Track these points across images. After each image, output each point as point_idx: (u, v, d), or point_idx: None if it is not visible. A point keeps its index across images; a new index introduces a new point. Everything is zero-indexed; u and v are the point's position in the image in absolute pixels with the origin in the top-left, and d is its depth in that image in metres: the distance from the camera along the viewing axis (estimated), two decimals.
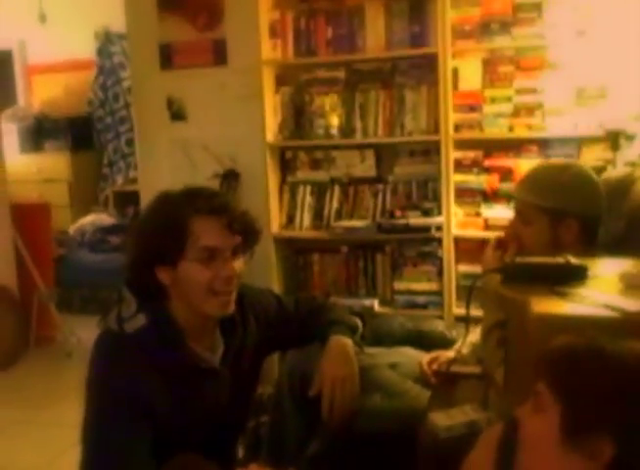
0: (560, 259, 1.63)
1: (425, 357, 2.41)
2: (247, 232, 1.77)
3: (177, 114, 4.04)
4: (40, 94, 6.91)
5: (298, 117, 3.81)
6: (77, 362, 1.65)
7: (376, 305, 3.69)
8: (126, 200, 6.24)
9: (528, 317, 1.47)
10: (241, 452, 2.56)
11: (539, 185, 2.07)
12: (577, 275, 1.60)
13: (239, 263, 1.76)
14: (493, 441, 1.20)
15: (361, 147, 3.78)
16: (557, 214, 2.03)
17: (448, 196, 3.49)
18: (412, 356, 2.50)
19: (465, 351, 2.30)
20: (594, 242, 2.07)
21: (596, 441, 1.06)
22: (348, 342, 1.98)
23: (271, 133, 3.81)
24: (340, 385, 1.86)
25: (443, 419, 1.77)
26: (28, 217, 4.98)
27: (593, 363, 1.11)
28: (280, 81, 3.87)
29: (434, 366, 2.36)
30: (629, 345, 1.14)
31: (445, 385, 2.02)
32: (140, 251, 1.76)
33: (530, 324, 1.46)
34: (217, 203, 1.73)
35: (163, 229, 1.70)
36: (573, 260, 1.62)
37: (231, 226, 1.71)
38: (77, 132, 6.55)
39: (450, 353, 2.33)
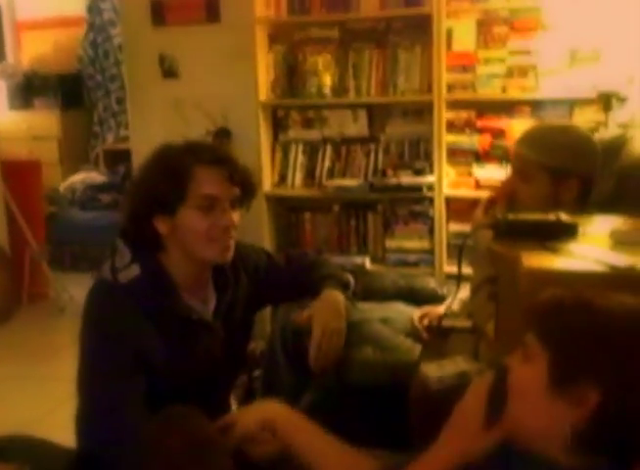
0: (551, 216, 1.66)
1: (416, 313, 2.44)
2: (245, 185, 1.80)
3: (169, 71, 4.01)
4: (29, 51, 6.82)
5: (291, 76, 3.81)
6: (71, 318, 1.67)
7: (367, 263, 3.72)
8: (117, 158, 6.21)
9: (519, 272, 1.50)
10: (234, 407, 2.61)
11: (545, 144, 2.09)
12: (568, 232, 1.63)
13: (236, 215, 1.79)
14: (483, 389, 1.23)
15: (354, 106, 3.78)
16: (560, 174, 2.06)
17: (440, 156, 3.50)
18: (403, 312, 2.54)
19: (456, 306, 2.34)
20: (587, 201, 2.11)
21: (582, 388, 1.10)
22: (340, 296, 2.00)
23: (264, 92, 3.80)
24: (328, 335, 1.89)
25: (435, 370, 1.81)
26: (19, 175, 4.96)
27: (581, 314, 1.15)
28: (273, 40, 3.85)
29: (426, 321, 2.40)
30: (617, 298, 1.17)
31: (437, 339, 2.06)
32: (140, 200, 1.77)
33: (521, 279, 1.49)
34: (219, 154, 1.77)
35: (166, 176, 1.71)
36: (564, 217, 1.65)
37: (232, 177, 1.74)
38: (67, 90, 6.47)
39: (441, 309, 2.37)
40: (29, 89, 6.51)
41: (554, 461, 1.13)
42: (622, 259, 1.44)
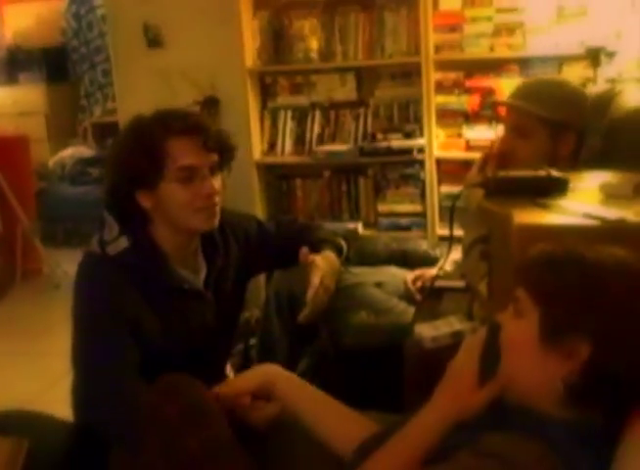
0: (541, 172, 1.65)
1: (409, 275, 2.45)
2: (222, 149, 1.79)
3: (154, 40, 3.97)
4: (12, 25, 6.72)
5: (277, 42, 3.76)
6: (65, 294, 1.67)
7: (360, 228, 3.71)
8: (105, 131, 6.16)
9: (511, 229, 1.49)
10: (231, 375, 2.62)
11: (543, 97, 2.07)
12: (559, 187, 1.63)
13: (217, 181, 1.78)
14: (476, 346, 1.24)
15: (341, 70, 3.74)
16: (559, 128, 2.05)
17: (430, 118, 3.48)
18: (397, 275, 2.54)
19: (448, 268, 2.34)
20: (579, 157, 2.10)
21: (573, 341, 1.11)
22: (335, 258, 2.01)
23: (250, 58, 3.75)
24: (321, 293, 1.89)
25: (429, 330, 1.81)
26: (7, 150, 4.93)
27: (572, 267, 1.15)
28: (257, 5, 3.79)
29: (419, 284, 2.40)
30: (608, 250, 1.17)
31: (430, 299, 2.06)
32: (118, 177, 1.76)
33: (513, 236, 1.49)
34: (191, 122, 1.74)
35: (140, 153, 1.70)
36: (555, 173, 1.65)
37: (206, 144, 1.73)
38: (52, 63, 6.41)
39: (434, 271, 2.37)
40: (14, 64, 6.45)
41: (548, 415, 1.13)
42: (613, 213, 1.43)
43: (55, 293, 4.54)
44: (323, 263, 1.92)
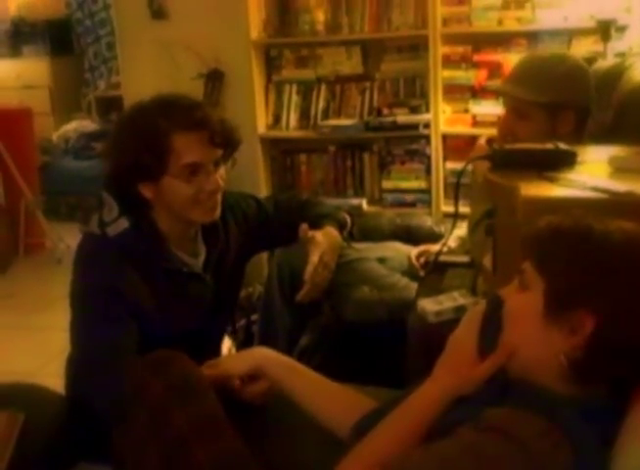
0: (549, 145, 1.62)
1: (413, 251, 2.42)
2: (228, 144, 1.76)
3: (158, 12, 3.91)
4: None
5: (283, 14, 3.72)
6: (68, 268, 1.65)
7: (364, 204, 3.68)
8: (109, 105, 6.13)
9: (517, 202, 1.46)
10: (233, 350, 2.61)
11: (536, 80, 2.03)
12: (566, 160, 1.59)
13: (221, 173, 1.75)
14: (476, 318, 1.21)
15: (348, 43, 3.69)
16: (555, 108, 2.01)
17: (436, 92, 3.43)
18: (400, 251, 2.51)
19: (453, 244, 2.32)
20: (583, 133, 2.06)
21: (577, 316, 1.08)
22: (338, 236, 1.98)
23: (255, 31, 3.71)
24: (321, 270, 1.87)
25: (432, 305, 1.79)
26: (10, 124, 4.89)
27: (578, 240, 1.12)
28: None
29: (423, 260, 2.37)
30: (616, 223, 1.14)
31: (434, 274, 2.03)
32: (119, 168, 1.72)
33: (519, 208, 1.45)
34: (198, 116, 1.69)
35: (144, 147, 1.66)
36: (562, 146, 1.61)
37: (212, 140, 1.69)
38: (56, 36, 6.36)
39: (438, 247, 2.34)
40: (17, 36, 6.41)
41: (552, 390, 1.11)
42: (621, 186, 1.40)
43: (57, 267, 4.52)
44: (323, 239, 1.89)
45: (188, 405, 1.33)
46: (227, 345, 2.62)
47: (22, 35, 6.38)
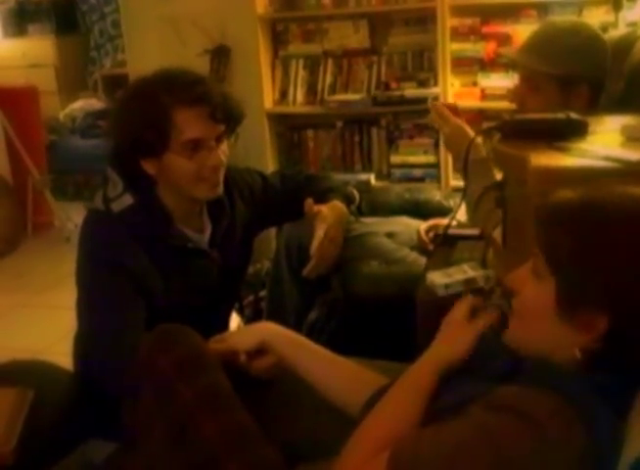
0: (560, 115, 1.59)
1: (422, 225, 2.40)
2: (230, 119, 1.73)
3: None
4: None
5: None
6: (76, 247, 1.65)
7: (372, 179, 3.66)
8: (116, 83, 6.06)
9: (528, 172, 1.43)
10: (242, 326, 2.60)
11: (551, 51, 1.99)
12: (578, 130, 1.56)
13: (224, 148, 1.73)
14: (468, 300, 1.23)
15: (354, 17, 3.66)
16: (569, 81, 1.97)
17: (444, 65, 3.40)
18: (409, 225, 2.49)
19: (462, 218, 2.29)
20: (597, 108, 2.02)
21: (590, 314, 1.04)
22: (345, 210, 1.96)
23: (261, 5, 3.67)
24: (328, 240, 1.85)
25: (441, 277, 1.77)
26: (16, 103, 4.87)
27: (586, 229, 1.06)
28: None
29: (432, 234, 2.35)
30: (631, 192, 1.09)
31: (443, 247, 2.01)
32: (122, 143, 1.71)
33: (530, 179, 1.43)
34: (199, 91, 1.66)
35: (144, 122, 1.64)
36: (573, 115, 1.58)
37: (214, 115, 1.67)
38: (62, 14, 6.33)
39: (447, 221, 2.32)
40: (23, 15, 6.38)
41: (565, 371, 1.08)
42: (634, 155, 1.37)
43: (65, 246, 4.51)
44: (329, 214, 1.87)
45: (195, 380, 1.33)
46: (236, 321, 2.62)
47: (27, 14, 6.35)
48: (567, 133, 1.55)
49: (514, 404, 1.02)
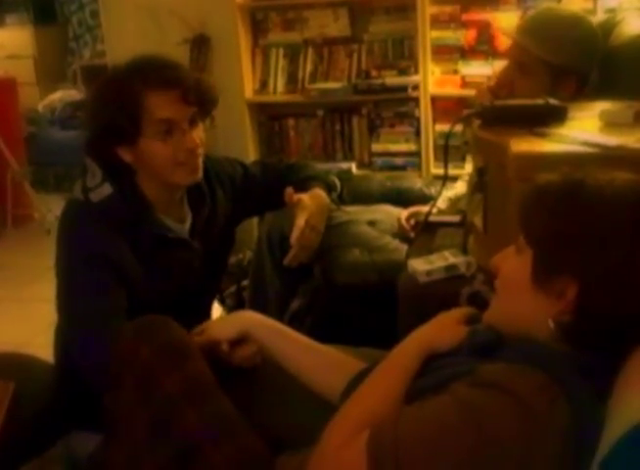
0: (539, 101, 1.60)
1: (403, 213, 2.41)
2: (202, 102, 1.73)
3: None
4: None
5: None
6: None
7: (354, 167, 3.64)
8: (95, 74, 5.99)
9: (508, 158, 1.45)
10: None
11: (551, 38, 1.99)
12: (557, 116, 1.58)
13: (198, 132, 1.72)
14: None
15: (334, 5, 3.63)
16: (561, 71, 1.98)
17: (425, 54, 3.38)
18: (391, 213, 2.50)
19: (442, 205, 2.30)
20: (580, 98, 2.03)
21: (561, 282, 1.08)
22: (326, 198, 1.96)
23: None
24: (309, 228, 1.85)
25: (423, 264, 1.78)
26: None
27: (559, 204, 1.10)
28: None
29: (413, 221, 2.36)
30: (610, 178, 1.11)
31: (425, 235, 2.02)
32: (97, 131, 1.71)
33: (510, 164, 1.44)
34: (169, 74, 1.67)
35: (115, 107, 1.64)
36: (552, 101, 1.59)
37: (185, 98, 1.67)
38: (39, 4, 6.26)
39: (428, 209, 2.32)
40: (0, 6, 6.28)
41: (547, 346, 1.10)
42: (613, 140, 1.38)
43: (46, 238, 4.47)
44: (310, 202, 1.87)
45: (176, 370, 1.32)
46: (218, 311, 2.62)
47: (4, 4, 6.28)
48: (546, 119, 1.57)
49: (498, 381, 1.03)
